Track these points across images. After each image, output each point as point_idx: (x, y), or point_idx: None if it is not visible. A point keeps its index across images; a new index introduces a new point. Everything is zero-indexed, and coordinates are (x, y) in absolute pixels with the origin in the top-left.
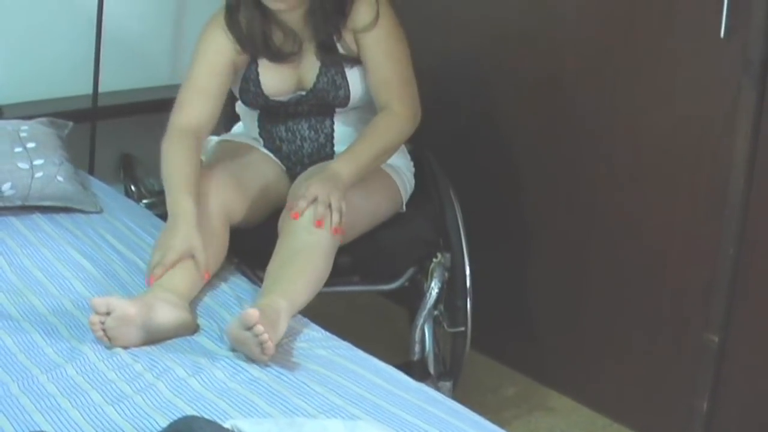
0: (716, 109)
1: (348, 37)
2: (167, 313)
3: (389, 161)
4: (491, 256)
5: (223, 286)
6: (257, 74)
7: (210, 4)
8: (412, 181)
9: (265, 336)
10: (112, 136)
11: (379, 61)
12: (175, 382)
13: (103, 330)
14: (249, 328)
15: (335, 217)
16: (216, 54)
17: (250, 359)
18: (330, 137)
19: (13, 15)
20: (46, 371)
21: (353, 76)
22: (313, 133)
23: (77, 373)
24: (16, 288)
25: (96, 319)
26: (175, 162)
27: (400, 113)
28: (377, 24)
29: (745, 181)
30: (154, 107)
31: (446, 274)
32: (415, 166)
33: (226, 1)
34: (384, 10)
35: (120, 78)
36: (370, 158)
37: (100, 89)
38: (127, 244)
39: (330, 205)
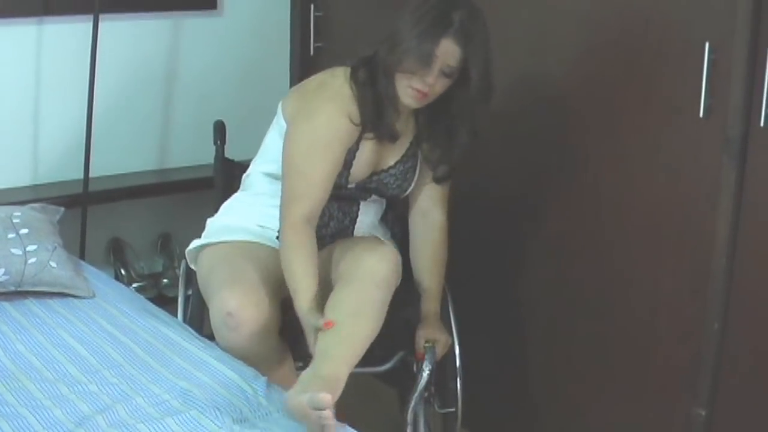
0: (698, 187)
1: None
2: None
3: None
4: (480, 334)
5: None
6: (354, 157)
7: (197, 91)
8: None
9: (332, 422)
10: (101, 221)
11: None
12: None
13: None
14: (318, 409)
15: (440, 353)
16: (340, 142)
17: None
18: (354, 220)
19: (4, 101)
20: None
21: (418, 175)
22: (341, 214)
23: None
24: (11, 373)
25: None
26: (301, 264)
27: (443, 222)
28: None
29: (727, 257)
30: (144, 192)
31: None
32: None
33: (354, 74)
34: None
35: (109, 163)
36: (443, 280)
37: (90, 174)
38: (121, 328)
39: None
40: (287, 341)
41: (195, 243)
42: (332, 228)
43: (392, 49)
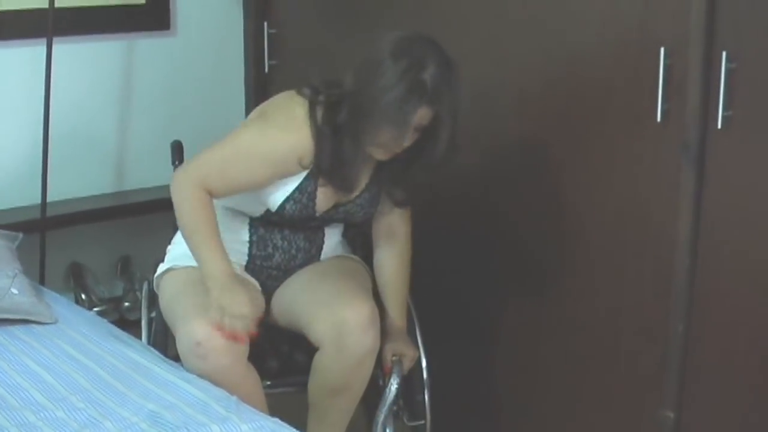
0: (657, 191)
1: None
2: None
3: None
4: (448, 347)
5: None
6: (315, 189)
7: (153, 112)
8: None
9: None
10: (60, 245)
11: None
12: None
13: None
14: None
15: (406, 366)
16: (275, 172)
17: None
18: (320, 249)
19: None
20: None
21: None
22: (307, 244)
23: None
24: None
25: None
26: (200, 216)
27: (407, 236)
28: None
29: (689, 260)
30: (102, 215)
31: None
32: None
33: (312, 112)
34: None
35: (66, 187)
36: (407, 294)
37: (48, 198)
38: (85, 352)
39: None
40: (253, 360)
41: (162, 267)
42: (300, 259)
43: (362, 118)
